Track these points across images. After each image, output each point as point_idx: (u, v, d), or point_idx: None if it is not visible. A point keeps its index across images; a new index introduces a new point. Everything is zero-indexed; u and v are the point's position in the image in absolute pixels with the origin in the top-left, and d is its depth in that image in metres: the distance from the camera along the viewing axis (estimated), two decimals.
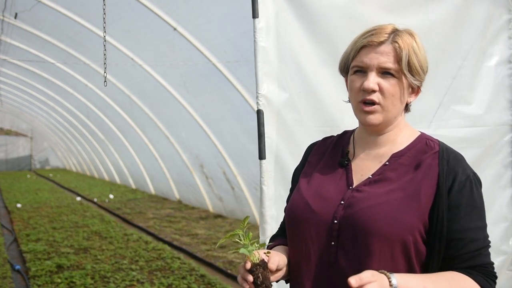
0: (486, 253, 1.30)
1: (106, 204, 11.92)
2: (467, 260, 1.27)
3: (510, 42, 2.43)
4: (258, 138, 2.22)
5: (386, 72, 1.30)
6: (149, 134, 11.50)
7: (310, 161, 1.54)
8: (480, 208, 1.30)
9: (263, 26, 2.19)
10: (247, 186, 8.29)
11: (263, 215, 2.22)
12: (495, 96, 2.41)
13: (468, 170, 1.32)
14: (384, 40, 1.30)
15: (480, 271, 1.28)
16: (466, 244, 1.27)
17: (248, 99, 6.81)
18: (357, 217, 1.28)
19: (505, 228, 2.45)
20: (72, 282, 5.53)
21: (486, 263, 1.29)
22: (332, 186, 1.39)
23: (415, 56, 1.31)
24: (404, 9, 2.29)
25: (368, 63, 1.31)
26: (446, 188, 1.28)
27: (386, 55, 1.29)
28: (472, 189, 1.30)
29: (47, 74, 12.32)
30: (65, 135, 19.98)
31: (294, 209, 1.43)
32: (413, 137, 1.39)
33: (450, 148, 1.38)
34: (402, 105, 1.36)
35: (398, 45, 1.29)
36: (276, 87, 2.24)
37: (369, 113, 1.32)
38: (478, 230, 1.29)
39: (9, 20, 8.53)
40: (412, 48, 1.31)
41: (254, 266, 1.24)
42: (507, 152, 2.45)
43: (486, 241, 1.30)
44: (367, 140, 1.42)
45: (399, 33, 1.32)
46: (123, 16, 7.12)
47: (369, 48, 1.31)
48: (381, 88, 1.30)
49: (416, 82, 1.35)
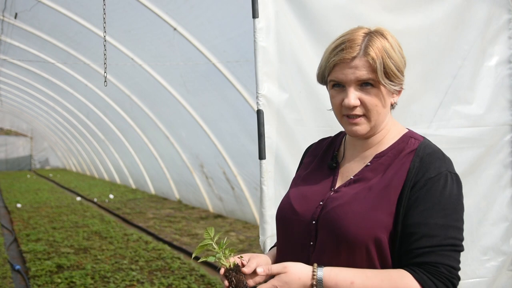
0: (443, 252, 1.19)
1: (106, 204, 11.92)
2: (417, 256, 1.19)
3: (510, 42, 2.43)
4: (258, 138, 2.22)
5: (365, 83, 1.29)
6: (149, 134, 11.49)
7: (305, 163, 1.57)
8: (445, 206, 1.22)
9: (263, 26, 2.19)
10: (247, 186, 8.29)
11: (263, 215, 2.22)
12: (495, 96, 2.41)
13: (443, 168, 1.26)
14: (356, 55, 1.27)
15: (427, 270, 1.17)
16: (418, 239, 1.20)
17: (248, 99, 6.81)
18: (329, 216, 1.31)
19: (505, 228, 2.45)
20: (72, 282, 5.53)
21: (438, 262, 1.18)
22: (318, 188, 1.42)
23: (389, 60, 1.28)
24: (404, 9, 2.29)
25: (344, 79, 1.30)
26: (411, 183, 1.26)
27: (362, 67, 1.27)
28: (439, 186, 1.24)
29: (47, 74, 12.31)
30: (65, 135, 19.98)
31: (280, 210, 1.47)
32: (398, 136, 1.38)
33: (431, 146, 1.33)
34: (386, 109, 1.35)
35: (371, 56, 1.26)
36: (276, 87, 2.24)
37: (355, 124, 1.32)
38: (436, 227, 1.20)
39: (9, 20, 8.52)
40: (386, 53, 1.28)
41: (227, 271, 1.31)
42: (507, 152, 2.45)
43: (446, 240, 1.20)
44: (356, 143, 1.43)
45: (370, 41, 1.28)
46: (123, 16, 7.12)
47: (343, 65, 1.29)
48: (363, 101, 1.30)
49: (396, 87, 1.32)
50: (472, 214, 2.39)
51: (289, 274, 1.17)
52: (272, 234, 2.17)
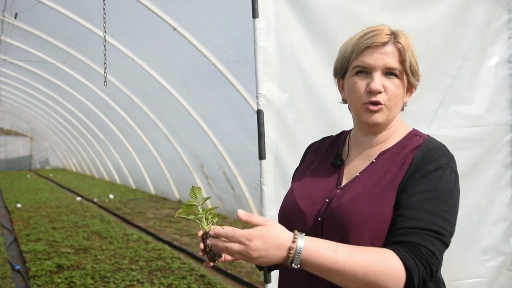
0: (424, 236, 1.17)
1: (106, 204, 11.92)
2: (400, 235, 1.19)
3: (510, 42, 2.43)
4: (258, 138, 2.22)
5: (390, 72, 1.31)
6: (149, 134, 11.49)
7: (307, 161, 1.57)
8: (437, 195, 1.22)
9: (263, 26, 2.19)
10: (247, 186, 8.29)
11: (263, 215, 2.23)
12: (495, 96, 2.41)
13: (442, 162, 1.27)
14: (387, 41, 1.30)
15: (408, 249, 1.15)
16: (403, 220, 1.20)
17: (248, 99, 6.81)
18: (335, 212, 1.30)
19: (505, 228, 2.45)
20: (72, 282, 5.52)
21: (419, 243, 1.16)
22: (323, 186, 1.41)
23: (413, 57, 1.33)
24: (405, 9, 2.29)
25: (373, 64, 1.31)
26: (410, 174, 1.27)
27: (391, 55, 1.30)
28: (436, 176, 1.24)
29: (47, 74, 12.31)
30: (65, 135, 19.98)
31: (283, 208, 1.46)
32: (403, 135, 1.40)
33: (436, 142, 1.34)
34: (402, 104, 1.38)
35: (401, 45, 1.30)
36: (276, 87, 2.24)
37: (375, 112, 1.32)
38: (423, 212, 1.19)
39: (9, 20, 8.52)
40: (410, 49, 1.33)
41: (204, 235, 1.30)
42: (507, 152, 2.45)
43: (431, 225, 1.18)
44: (362, 141, 1.43)
45: (398, 34, 1.33)
46: (123, 16, 7.12)
47: (373, 49, 1.31)
48: (386, 89, 1.31)
49: (416, 82, 1.37)
50: (472, 214, 2.39)
51: (269, 228, 1.12)
52: None
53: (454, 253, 2.35)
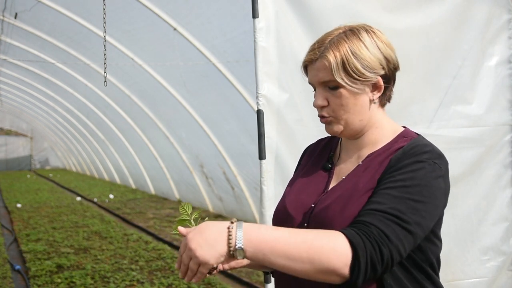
0: (380, 217, 1.11)
1: (106, 204, 11.92)
2: (358, 216, 1.16)
3: (510, 42, 2.43)
4: (258, 138, 2.22)
5: (330, 85, 1.30)
6: (149, 134, 11.49)
7: (302, 164, 1.56)
8: (411, 185, 1.16)
9: (263, 26, 2.19)
10: (247, 186, 8.29)
11: (263, 215, 2.22)
12: (495, 96, 2.41)
13: (423, 157, 1.21)
14: (316, 57, 1.31)
15: (358, 227, 1.11)
16: (367, 204, 1.18)
17: (248, 99, 6.81)
18: (317, 217, 1.31)
19: (505, 228, 2.45)
20: (72, 282, 5.53)
21: (371, 223, 1.10)
22: (312, 190, 1.41)
23: (354, 58, 1.25)
24: (405, 9, 2.29)
25: (312, 81, 1.36)
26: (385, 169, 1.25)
27: (322, 70, 1.30)
28: (412, 169, 1.19)
29: (47, 74, 12.31)
30: (65, 135, 19.97)
31: (276, 212, 1.47)
32: (393, 136, 1.36)
33: (423, 142, 1.29)
34: (360, 108, 1.31)
35: (327, 60, 1.27)
36: (276, 87, 2.24)
37: (327, 124, 1.36)
38: (388, 197, 1.15)
39: (9, 20, 8.52)
40: (350, 52, 1.25)
41: None
42: (507, 152, 2.45)
43: (393, 210, 1.12)
44: (349, 144, 1.42)
45: (335, 42, 1.28)
46: (123, 16, 7.11)
47: (310, 66, 1.35)
48: (329, 102, 1.33)
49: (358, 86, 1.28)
50: (472, 214, 2.39)
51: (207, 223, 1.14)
52: None
53: (454, 253, 2.35)
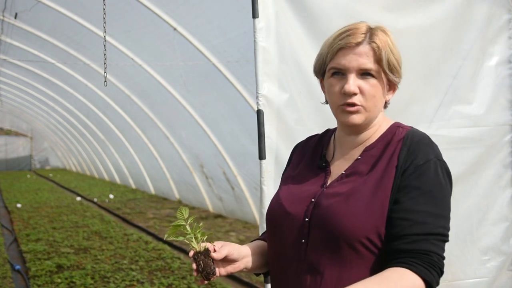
0: (433, 241, 1.21)
1: (106, 204, 11.92)
2: (411, 243, 1.20)
3: (510, 42, 2.43)
4: (258, 138, 2.22)
5: (366, 73, 1.29)
6: (149, 134, 11.49)
7: (293, 162, 1.56)
8: (434, 194, 1.24)
9: (263, 26, 2.19)
10: (247, 186, 8.29)
11: (263, 215, 2.22)
12: (495, 96, 2.41)
13: (431, 155, 1.27)
14: (361, 41, 1.28)
15: (422, 260, 1.19)
16: (411, 225, 1.21)
17: (248, 99, 6.81)
18: (322, 213, 1.29)
19: (505, 228, 2.45)
20: (72, 282, 5.53)
21: (430, 250, 1.20)
22: (309, 187, 1.40)
23: (391, 54, 1.30)
24: (405, 9, 2.29)
25: (347, 65, 1.29)
26: (401, 171, 1.26)
27: (365, 56, 1.28)
28: (429, 173, 1.25)
29: (47, 74, 12.31)
30: (65, 135, 19.98)
31: (270, 210, 1.45)
32: (386, 128, 1.38)
33: (418, 133, 1.33)
34: (381, 103, 1.36)
35: (376, 44, 1.28)
36: (276, 87, 2.24)
37: (352, 113, 1.31)
38: (426, 215, 1.22)
39: (9, 20, 8.52)
40: (388, 46, 1.30)
41: (195, 254, 1.32)
42: (507, 152, 2.45)
43: (437, 229, 1.22)
44: (345, 140, 1.42)
45: (374, 32, 1.30)
46: (123, 16, 7.12)
47: (347, 50, 1.29)
48: (362, 90, 1.29)
49: (396, 79, 1.34)
50: (472, 214, 2.39)
51: None
52: None
53: (454, 253, 2.35)
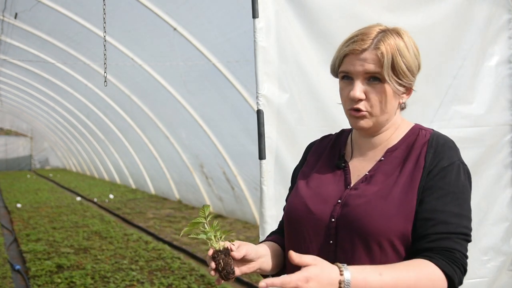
0: (457, 239, 1.24)
1: (106, 204, 11.92)
2: (434, 241, 1.23)
3: (510, 42, 2.43)
4: (258, 138, 2.22)
5: (373, 77, 1.30)
6: (149, 134, 11.49)
7: (309, 161, 1.55)
8: (458, 195, 1.28)
9: (263, 26, 2.19)
10: (247, 186, 8.28)
11: (263, 215, 2.22)
12: (495, 96, 2.41)
13: (455, 158, 1.30)
14: (367, 47, 1.29)
15: (445, 256, 1.21)
16: (435, 224, 1.23)
17: (248, 99, 6.81)
18: (353, 214, 1.29)
19: (506, 228, 2.45)
20: (72, 282, 5.52)
21: (453, 248, 1.23)
22: (331, 187, 1.40)
23: (400, 58, 1.28)
24: (405, 9, 2.29)
25: (353, 71, 1.31)
26: (427, 172, 1.29)
27: (371, 61, 1.28)
28: (452, 175, 1.28)
29: (47, 74, 12.31)
30: (65, 135, 19.97)
31: (292, 209, 1.43)
32: (407, 130, 1.40)
33: (442, 136, 1.36)
34: (393, 107, 1.35)
35: (380, 50, 1.27)
36: (276, 87, 2.24)
37: (358, 118, 1.33)
38: (451, 215, 1.25)
39: (9, 20, 8.52)
40: (398, 50, 1.28)
41: (215, 253, 1.29)
42: (508, 152, 2.45)
43: (460, 229, 1.25)
44: (363, 141, 1.42)
45: (384, 36, 1.29)
46: (123, 16, 7.11)
47: (353, 56, 1.31)
48: (368, 97, 1.31)
49: (404, 84, 1.32)
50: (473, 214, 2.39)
51: (321, 267, 1.13)
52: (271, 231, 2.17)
53: None
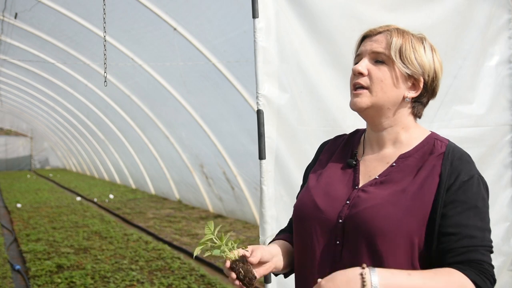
0: (483, 251, 1.25)
1: (106, 204, 11.92)
2: (461, 254, 1.23)
3: (510, 42, 2.43)
4: (258, 138, 2.22)
5: (379, 60, 1.35)
6: (149, 134, 11.49)
7: (321, 160, 1.56)
8: (480, 209, 1.28)
9: (263, 26, 2.18)
10: (247, 186, 8.28)
11: (263, 215, 2.22)
12: (495, 96, 2.41)
13: (474, 171, 1.31)
14: (382, 31, 1.37)
15: (473, 267, 1.22)
16: (460, 238, 1.24)
17: (248, 99, 6.81)
18: (361, 216, 1.29)
19: (506, 228, 2.45)
20: (72, 282, 5.52)
21: (481, 260, 1.23)
22: (340, 186, 1.41)
23: (412, 49, 1.34)
24: (406, 9, 2.29)
25: (362, 50, 1.39)
26: (446, 186, 1.28)
27: (379, 42, 1.36)
28: (473, 189, 1.28)
29: (47, 74, 12.31)
30: (65, 135, 19.97)
31: (301, 206, 1.44)
32: (422, 138, 1.39)
33: (458, 149, 1.36)
34: (394, 94, 1.35)
35: (390, 33, 1.35)
36: (276, 87, 2.23)
37: (356, 95, 1.36)
38: (475, 229, 1.25)
39: (9, 20, 8.52)
40: (411, 43, 1.34)
41: (233, 263, 1.28)
42: (508, 152, 2.44)
43: (485, 241, 1.26)
44: (372, 138, 1.43)
45: (402, 31, 1.37)
46: (123, 16, 7.11)
47: (368, 38, 1.40)
48: (370, 73, 1.35)
49: (408, 71, 1.33)
50: None
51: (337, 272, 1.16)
52: (272, 234, 2.17)
53: None
